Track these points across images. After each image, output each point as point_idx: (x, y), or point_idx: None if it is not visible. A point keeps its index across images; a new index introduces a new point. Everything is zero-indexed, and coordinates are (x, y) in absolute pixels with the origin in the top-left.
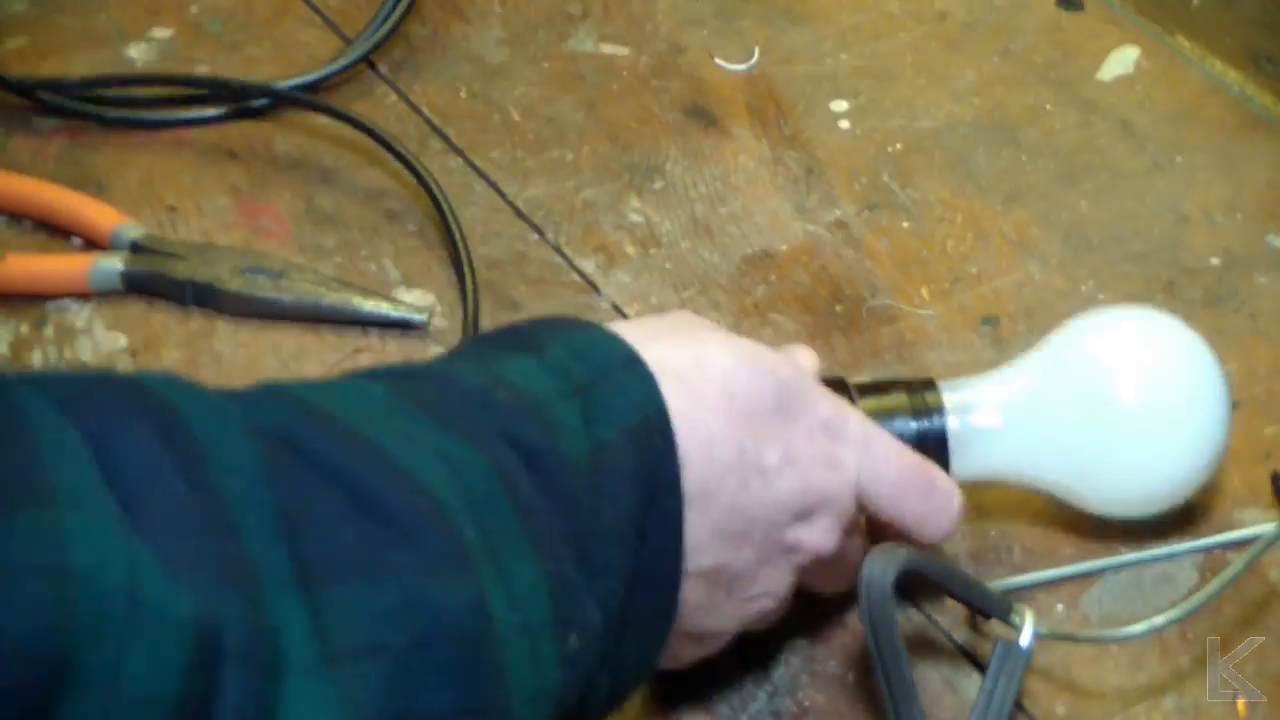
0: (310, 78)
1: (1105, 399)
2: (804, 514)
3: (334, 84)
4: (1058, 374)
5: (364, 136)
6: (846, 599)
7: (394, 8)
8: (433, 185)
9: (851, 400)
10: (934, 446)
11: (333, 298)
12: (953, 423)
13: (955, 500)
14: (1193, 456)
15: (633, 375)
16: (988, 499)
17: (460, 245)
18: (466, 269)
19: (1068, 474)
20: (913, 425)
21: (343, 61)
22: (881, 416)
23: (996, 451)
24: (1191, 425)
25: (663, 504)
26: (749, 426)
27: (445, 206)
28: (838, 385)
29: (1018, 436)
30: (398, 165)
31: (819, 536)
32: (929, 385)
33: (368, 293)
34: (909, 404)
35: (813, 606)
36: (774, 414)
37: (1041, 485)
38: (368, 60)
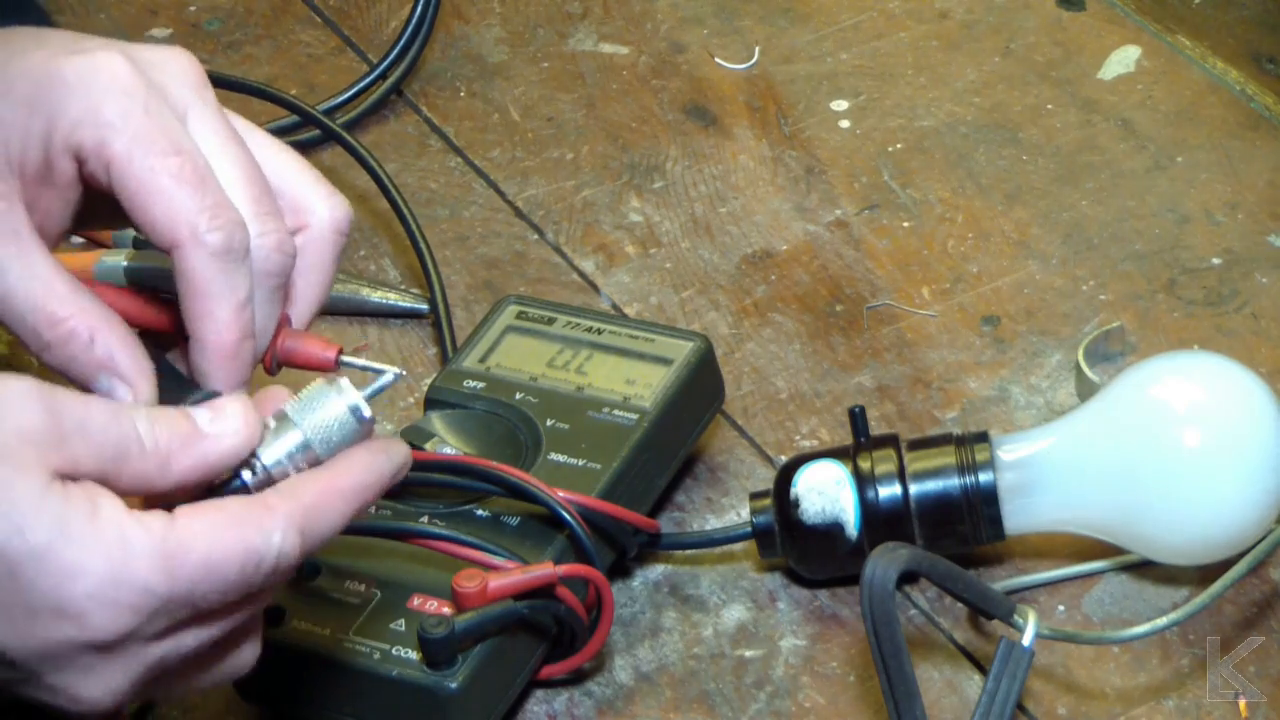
0: (340, 99)
1: (1163, 447)
2: None
3: (332, 80)
4: (1112, 424)
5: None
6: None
7: (414, 34)
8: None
9: (899, 456)
10: (982, 502)
11: (339, 288)
12: (1006, 477)
13: None
14: (1252, 502)
15: None
16: None
17: (425, 249)
18: (434, 274)
19: (1126, 523)
20: (957, 482)
21: (363, 84)
22: (927, 476)
23: (1054, 504)
24: (1252, 470)
25: None
26: None
27: (402, 204)
28: (889, 441)
29: (1074, 488)
30: (397, 164)
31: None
32: (980, 438)
33: (375, 284)
34: (955, 461)
35: (813, 606)
36: None
37: (1100, 535)
38: (382, 73)
